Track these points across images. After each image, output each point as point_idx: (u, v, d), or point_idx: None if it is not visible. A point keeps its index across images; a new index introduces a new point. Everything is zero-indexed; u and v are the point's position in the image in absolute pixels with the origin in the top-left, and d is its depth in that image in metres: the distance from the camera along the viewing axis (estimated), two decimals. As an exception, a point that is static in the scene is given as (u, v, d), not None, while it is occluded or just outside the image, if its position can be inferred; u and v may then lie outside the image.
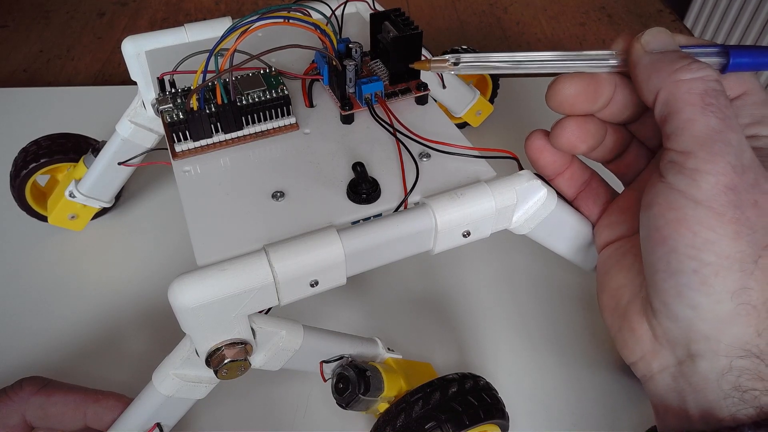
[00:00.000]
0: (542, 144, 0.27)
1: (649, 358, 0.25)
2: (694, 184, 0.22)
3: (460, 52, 0.51)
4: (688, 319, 0.22)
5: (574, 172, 0.29)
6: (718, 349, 0.22)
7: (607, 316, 0.27)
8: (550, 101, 0.26)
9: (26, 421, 0.30)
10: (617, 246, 0.28)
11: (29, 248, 0.46)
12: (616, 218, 0.28)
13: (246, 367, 0.25)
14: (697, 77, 0.22)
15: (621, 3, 0.79)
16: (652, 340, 0.24)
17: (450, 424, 0.28)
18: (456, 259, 0.45)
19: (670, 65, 0.23)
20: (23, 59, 0.70)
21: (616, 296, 0.26)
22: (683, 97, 0.22)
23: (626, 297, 0.26)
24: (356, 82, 0.30)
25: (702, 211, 0.21)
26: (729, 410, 0.22)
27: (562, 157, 0.28)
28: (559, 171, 0.28)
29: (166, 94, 0.29)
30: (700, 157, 0.21)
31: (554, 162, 0.28)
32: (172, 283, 0.22)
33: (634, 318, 0.25)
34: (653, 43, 0.24)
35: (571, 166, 0.28)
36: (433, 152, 0.28)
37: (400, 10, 0.31)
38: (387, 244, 0.25)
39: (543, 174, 0.28)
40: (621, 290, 0.26)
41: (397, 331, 0.40)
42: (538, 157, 0.28)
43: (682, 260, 0.22)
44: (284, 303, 0.24)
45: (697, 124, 0.22)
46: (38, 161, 0.43)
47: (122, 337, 0.40)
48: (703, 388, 0.22)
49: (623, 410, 0.36)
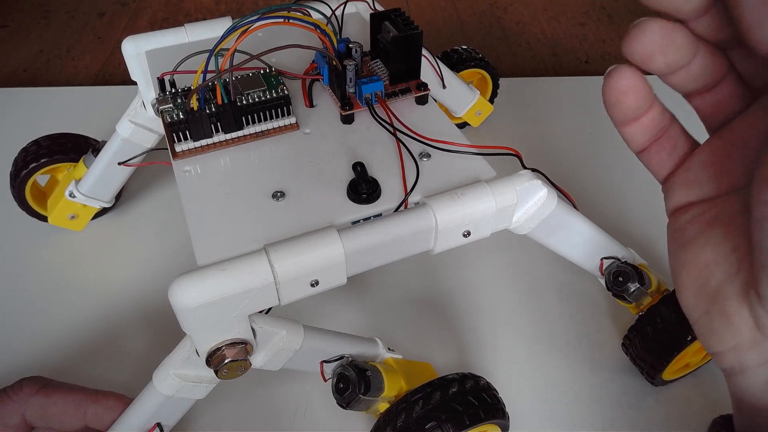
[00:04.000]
0: (629, 84, 0.22)
1: (744, 349, 0.21)
2: None
3: (460, 52, 0.51)
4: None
5: (654, 117, 0.23)
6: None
7: (689, 297, 0.23)
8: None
9: (26, 421, 0.30)
10: (698, 211, 0.23)
11: (29, 248, 0.46)
12: (696, 175, 0.23)
13: (246, 367, 0.25)
14: None
15: (621, 3, 0.79)
16: (753, 330, 0.20)
17: (450, 424, 0.28)
18: (456, 259, 0.45)
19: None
20: (23, 59, 0.70)
21: (704, 275, 0.22)
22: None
23: (718, 276, 0.22)
24: (356, 82, 0.30)
25: None
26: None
27: (645, 98, 0.22)
28: (638, 115, 0.23)
29: (166, 94, 0.29)
30: None
31: (636, 100, 0.22)
32: (173, 283, 0.22)
33: (730, 302, 0.21)
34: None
35: (651, 110, 0.23)
36: (433, 152, 0.28)
37: (400, 10, 0.31)
38: (387, 244, 0.25)
39: (617, 119, 0.23)
40: (710, 268, 0.22)
41: (397, 331, 0.40)
42: (620, 99, 0.22)
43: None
44: (284, 303, 0.24)
45: None
46: (38, 161, 0.43)
47: (122, 337, 0.40)
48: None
49: (623, 410, 0.36)
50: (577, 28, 0.75)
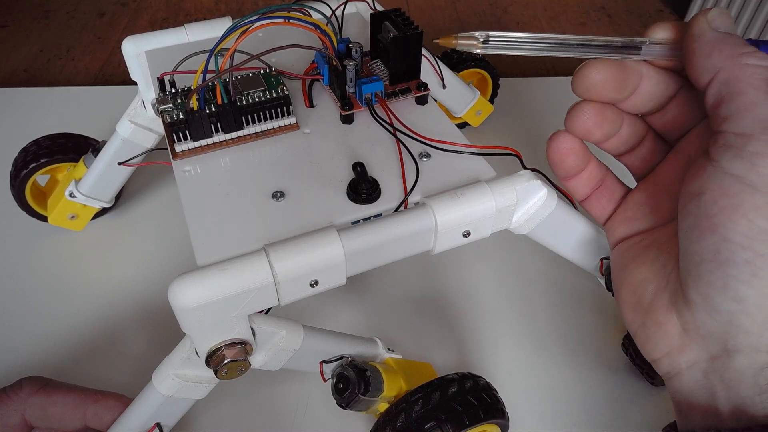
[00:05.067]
0: (568, 147, 0.26)
1: (675, 354, 0.24)
2: (753, 169, 0.20)
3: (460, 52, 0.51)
4: (730, 313, 0.21)
5: (592, 171, 0.28)
6: (759, 345, 0.21)
7: (628, 311, 0.26)
8: (577, 86, 0.25)
9: (26, 421, 0.30)
10: (636, 241, 0.27)
11: (29, 248, 0.46)
12: (632, 213, 0.28)
13: (246, 367, 0.25)
14: (762, 65, 0.22)
15: (621, 3, 0.79)
16: (681, 335, 0.23)
17: (450, 424, 0.28)
18: (456, 259, 0.45)
19: (735, 48, 0.22)
20: (23, 59, 0.70)
21: (639, 290, 0.25)
22: (748, 80, 0.21)
23: (651, 291, 0.25)
24: (356, 82, 0.30)
25: (760, 197, 0.20)
26: (764, 406, 0.21)
27: (583, 157, 0.27)
28: (579, 171, 0.27)
29: (166, 94, 0.29)
30: (763, 140, 0.20)
31: (576, 161, 0.27)
32: (172, 283, 0.22)
33: (661, 312, 0.24)
34: (718, 22, 0.23)
35: (589, 165, 0.28)
36: (433, 152, 0.28)
37: (400, 10, 0.31)
38: (387, 244, 0.25)
39: (560, 175, 0.28)
40: (644, 284, 0.25)
41: (397, 331, 0.40)
42: (563, 159, 0.27)
43: (734, 250, 0.21)
44: (284, 303, 0.24)
45: (760, 107, 0.21)
46: (38, 161, 0.43)
47: (122, 337, 0.40)
48: (737, 384, 0.22)
49: (623, 410, 0.36)
50: (577, 28, 0.75)
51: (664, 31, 0.25)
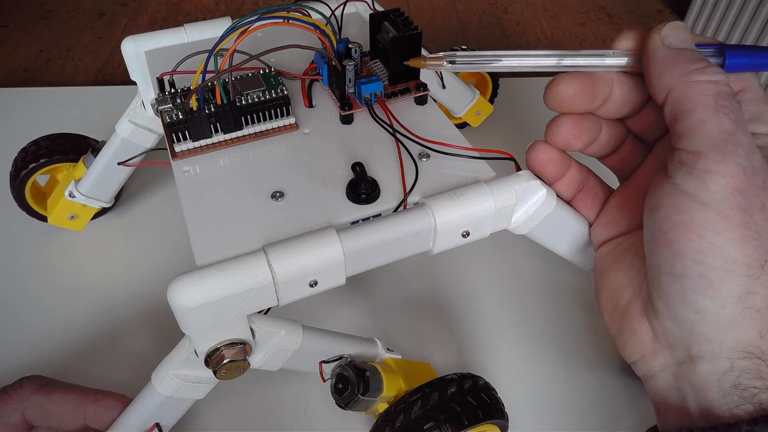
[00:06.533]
0: (546, 157, 0.27)
1: (649, 358, 0.25)
2: (703, 186, 0.21)
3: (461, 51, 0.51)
4: (692, 323, 0.22)
5: (573, 175, 0.28)
6: (720, 352, 0.22)
7: (607, 316, 0.27)
8: (549, 101, 0.26)
9: (26, 420, 0.30)
10: (615, 244, 0.28)
11: (29, 248, 0.46)
12: (613, 216, 0.28)
13: (245, 367, 0.25)
14: (711, 80, 0.22)
15: (621, 3, 0.79)
16: (653, 340, 0.24)
17: (449, 425, 0.28)
18: (456, 259, 0.45)
19: (685, 65, 0.23)
20: (23, 59, 0.70)
21: (616, 296, 0.26)
22: (696, 98, 0.22)
23: (626, 297, 0.26)
24: (356, 82, 0.30)
25: (710, 214, 0.21)
26: (729, 407, 0.22)
27: (562, 164, 0.27)
28: (560, 176, 0.28)
29: (166, 94, 0.29)
30: (711, 157, 0.21)
31: (555, 169, 0.27)
32: (171, 283, 0.22)
33: (635, 318, 0.25)
34: (672, 38, 0.24)
35: (570, 170, 0.28)
36: (432, 152, 0.28)
37: (400, 10, 0.31)
38: (386, 245, 0.25)
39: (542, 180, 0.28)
40: (620, 290, 0.26)
41: (397, 331, 0.40)
42: (542, 170, 0.27)
43: (687, 264, 0.21)
44: (283, 303, 0.24)
45: (709, 124, 0.21)
46: (38, 161, 0.43)
47: (122, 337, 0.40)
48: (704, 387, 0.22)
49: (622, 410, 0.36)
50: (577, 28, 0.75)
51: (628, 40, 0.25)
